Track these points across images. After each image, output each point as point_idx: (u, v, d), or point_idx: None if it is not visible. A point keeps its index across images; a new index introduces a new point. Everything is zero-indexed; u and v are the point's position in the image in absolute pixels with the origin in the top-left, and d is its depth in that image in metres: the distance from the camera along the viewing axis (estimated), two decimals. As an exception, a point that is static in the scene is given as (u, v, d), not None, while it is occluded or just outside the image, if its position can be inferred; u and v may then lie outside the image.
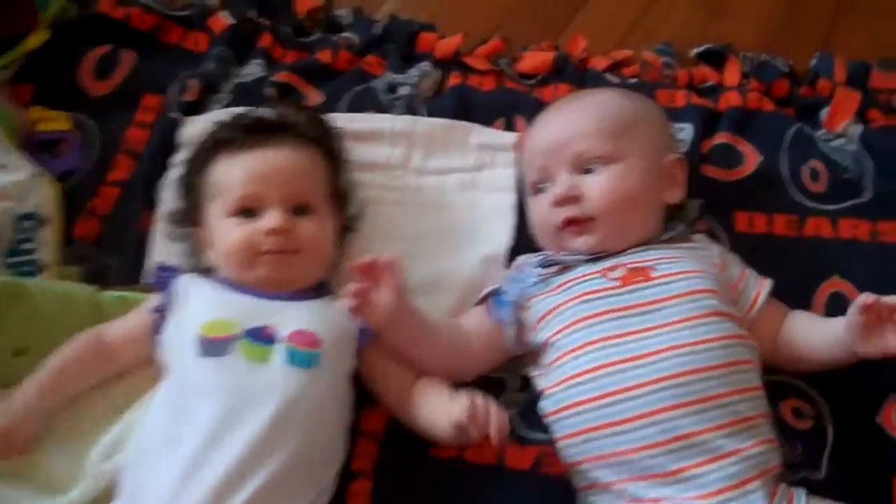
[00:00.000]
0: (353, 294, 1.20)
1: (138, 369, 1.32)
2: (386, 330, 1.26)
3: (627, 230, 1.35)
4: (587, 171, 1.36)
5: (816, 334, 1.30)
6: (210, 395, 1.17)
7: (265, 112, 1.43)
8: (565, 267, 1.34)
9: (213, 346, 1.21)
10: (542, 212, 1.38)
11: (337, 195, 1.42)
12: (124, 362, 1.32)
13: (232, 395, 1.17)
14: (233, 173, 1.33)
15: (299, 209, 1.32)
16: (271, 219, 1.29)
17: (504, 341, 1.33)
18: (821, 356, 1.30)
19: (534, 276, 1.34)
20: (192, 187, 1.40)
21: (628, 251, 1.33)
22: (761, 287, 1.36)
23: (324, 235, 1.34)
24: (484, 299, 1.37)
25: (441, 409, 1.22)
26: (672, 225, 1.39)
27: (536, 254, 1.40)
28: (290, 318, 1.25)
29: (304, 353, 1.22)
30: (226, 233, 1.31)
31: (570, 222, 1.34)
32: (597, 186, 1.34)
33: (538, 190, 1.41)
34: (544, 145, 1.41)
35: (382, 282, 1.22)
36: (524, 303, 1.33)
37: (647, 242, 1.35)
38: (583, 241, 1.34)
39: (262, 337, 1.22)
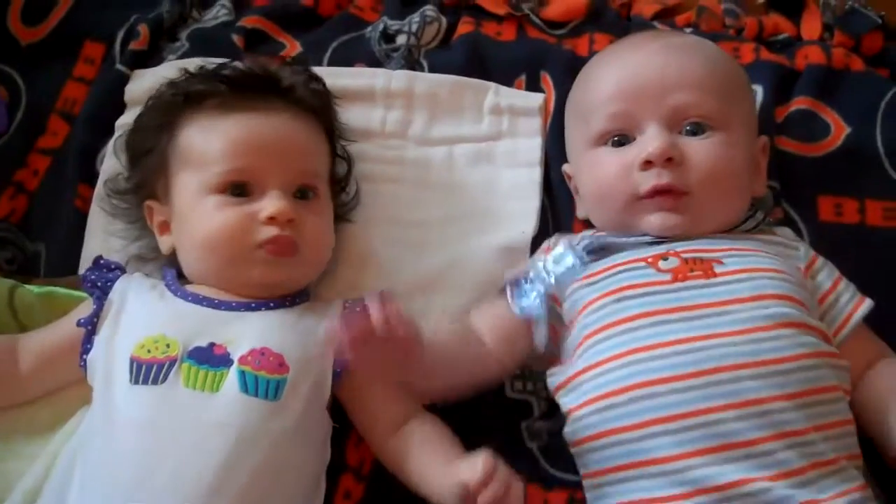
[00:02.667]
0: (347, 357, 1.05)
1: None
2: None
3: (716, 216, 1.23)
4: (686, 133, 1.22)
5: None
6: (141, 433, 1.06)
7: (247, 64, 1.31)
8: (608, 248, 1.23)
9: (147, 371, 1.09)
10: (617, 172, 1.23)
11: (335, 180, 1.33)
12: (32, 393, 1.20)
13: (169, 434, 1.05)
14: (216, 138, 1.20)
15: (301, 192, 1.21)
16: (273, 202, 1.16)
17: (530, 341, 1.21)
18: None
19: (576, 260, 1.22)
20: (147, 151, 1.27)
21: (689, 237, 1.21)
22: (858, 306, 1.22)
23: (328, 231, 1.25)
24: (506, 289, 1.26)
25: (440, 466, 1.09)
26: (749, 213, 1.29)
27: (579, 234, 1.29)
28: (251, 331, 1.13)
29: (266, 380, 1.09)
30: (205, 215, 1.17)
31: (660, 192, 1.20)
32: (704, 153, 1.20)
33: (613, 142, 1.25)
34: (629, 86, 1.25)
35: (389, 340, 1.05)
36: (560, 293, 1.21)
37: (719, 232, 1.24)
38: (662, 221, 1.20)
39: (210, 358, 1.10)
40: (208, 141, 1.20)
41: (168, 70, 1.39)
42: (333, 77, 1.43)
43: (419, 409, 1.18)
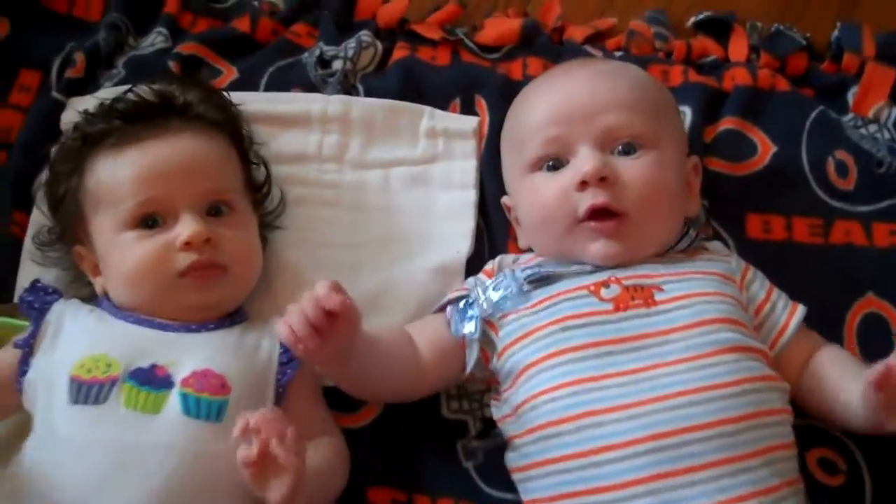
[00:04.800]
0: (294, 340, 1.05)
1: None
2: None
3: (653, 239, 1.24)
4: (618, 153, 1.22)
5: (852, 388, 1.12)
6: (81, 454, 1.04)
7: (146, 92, 1.28)
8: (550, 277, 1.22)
9: (87, 391, 1.07)
10: (554, 195, 1.22)
11: (251, 187, 1.31)
12: None
13: (109, 456, 1.04)
14: (119, 175, 1.18)
15: (214, 209, 1.19)
16: (186, 226, 1.14)
17: (462, 362, 1.22)
18: (856, 418, 1.13)
19: (514, 287, 1.20)
20: (65, 198, 1.24)
21: (629, 264, 1.21)
22: (793, 312, 1.23)
23: (252, 240, 1.24)
24: (444, 307, 1.26)
25: None
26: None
27: (523, 259, 1.29)
28: (193, 353, 1.12)
29: (208, 402, 1.08)
30: (125, 252, 1.16)
31: (598, 212, 1.18)
32: (637, 171, 1.20)
33: (548, 167, 1.25)
34: (561, 111, 1.25)
35: (331, 320, 1.06)
36: (495, 320, 1.20)
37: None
38: (605, 250, 1.20)
39: (152, 380, 1.09)
40: (112, 178, 1.18)
41: (105, 96, 1.35)
42: (270, 102, 1.43)
43: (333, 431, 1.18)
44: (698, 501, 1.02)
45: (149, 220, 1.16)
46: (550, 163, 1.24)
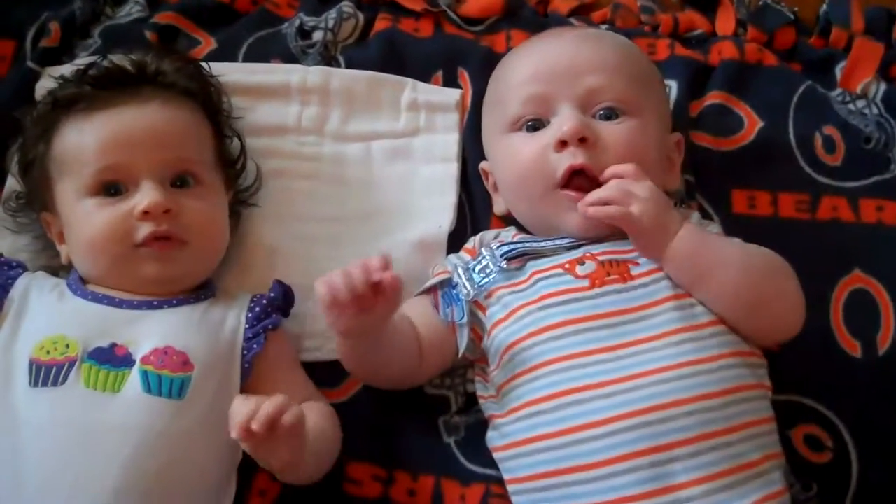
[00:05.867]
0: (330, 304, 1.04)
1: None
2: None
3: None
4: (599, 117, 1.21)
5: None
6: (42, 436, 1.03)
7: (119, 60, 1.26)
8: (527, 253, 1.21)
9: (46, 373, 1.06)
10: (532, 155, 1.21)
11: (225, 162, 1.28)
12: None
13: (70, 437, 1.03)
14: (84, 140, 1.16)
15: (179, 180, 1.17)
16: (146, 194, 1.12)
17: (454, 345, 1.20)
18: None
19: (495, 268, 1.20)
20: (34, 163, 1.23)
21: (605, 238, 1.19)
22: None
23: (217, 214, 1.21)
24: (430, 290, 1.25)
25: None
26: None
27: (501, 234, 1.28)
28: (153, 331, 1.11)
29: (169, 378, 1.07)
30: (84, 219, 1.14)
31: (574, 176, 1.18)
32: (618, 135, 1.19)
33: (527, 126, 1.24)
34: (544, 70, 1.24)
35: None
36: (481, 299, 1.20)
37: None
38: (582, 220, 1.18)
39: (111, 359, 1.08)
40: (78, 144, 1.17)
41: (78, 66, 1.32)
42: (248, 73, 1.42)
43: (316, 395, 1.18)
44: (681, 478, 1.01)
45: (111, 188, 1.14)
46: (530, 122, 1.23)
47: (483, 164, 1.34)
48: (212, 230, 1.19)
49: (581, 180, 1.17)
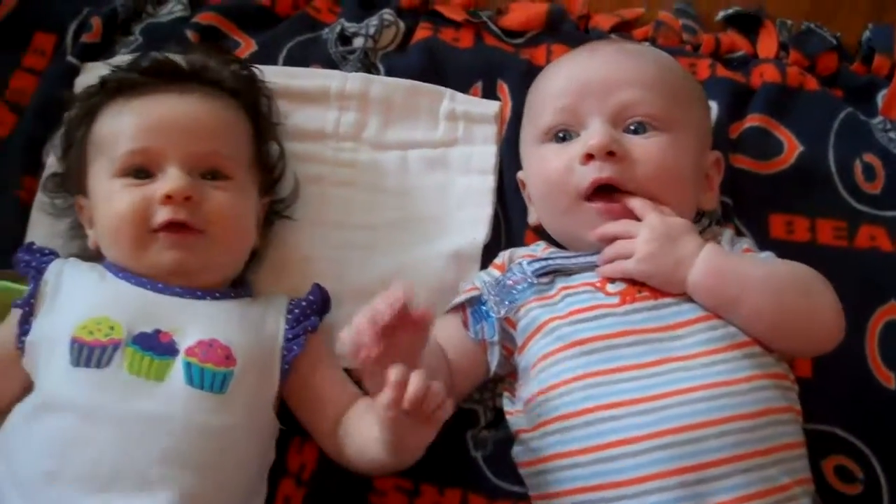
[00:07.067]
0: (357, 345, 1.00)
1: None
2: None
3: None
4: (629, 131, 1.20)
5: None
6: (84, 420, 1.02)
7: (173, 56, 1.27)
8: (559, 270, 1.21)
9: (89, 354, 1.05)
10: (560, 168, 1.21)
11: (262, 166, 1.28)
12: (2, 402, 1.12)
13: (112, 422, 1.02)
14: (121, 123, 1.18)
15: (209, 173, 1.17)
16: (170, 180, 1.13)
17: (486, 363, 1.21)
18: None
19: (525, 284, 1.20)
20: (73, 145, 1.24)
21: None
22: None
23: (241, 211, 1.20)
24: (458, 307, 1.24)
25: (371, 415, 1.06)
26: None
27: (529, 250, 1.27)
28: (198, 322, 1.11)
29: (212, 372, 1.06)
30: (109, 199, 1.15)
31: (601, 190, 1.18)
32: (646, 150, 1.18)
33: (557, 137, 1.24)
34: (578, 82, 1.24)
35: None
36: (511, 315, 1.19)
37: None
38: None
39: (156, 346, 1.07)
40: (114, 126, 1.18)
41: (118, 63, 1.34)
42: (288, 77, 1.41)
43: (358, 395, 1.16)
44: (712, 499, 1.01)
45: (140, 172, 1.14)
46: (560, 133, 1.23)
47: (519, 174, 1.34)
48: (232, 223, 1.17)
49: (607, 193, 1.17)
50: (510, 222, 1.36)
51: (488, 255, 1.31)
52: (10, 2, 1.51)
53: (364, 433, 1.08)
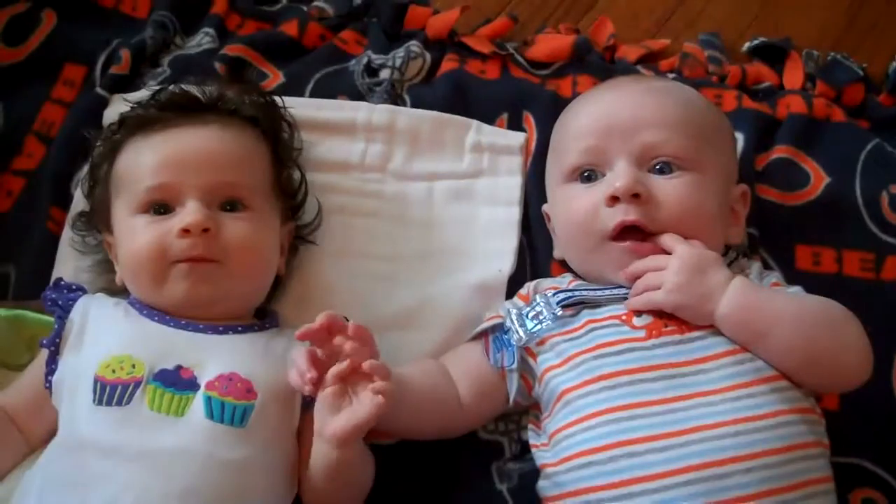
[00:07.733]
0: (306, 381, 1.05)
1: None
2: None
3: None
4: (654, 171, 1.20)
5: None
6: (106, 456, 1.02)
7: (190, 88, 1.29)
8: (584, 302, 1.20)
9: (111, 392, 1.06)
10: (585, 209, 1.21)
11: (283, 192, 1.27)
12: (35, 444, 1.15)
13: (133, 459, 1.02)
14: (140, 159, 1.19)
15: (228, 204, 1.17)
16: (188, 213, 1.13)
17: (505, 392, 1.20)
18: None
19: (549, 315, 1.18)
20: (98, 182, 1.26)
21: None
22: None
23: (260, 241, 1.19)
24: (481, 335, 1.24)
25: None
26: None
27: (555, 282, 1.26)
28: (219, 357, 1.11)
29: (232, 405, 1.07)
30: (130, 236, 1.16)
31: (627, 231, 1.17)
32: (671, 191, 1.18)
33: (582, 178, 1.24)
34: (603, 122, 1.23)
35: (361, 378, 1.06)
36: (533, 346, 1.18)
37: None
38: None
39: (177, 382, 1.08)
40: (134, 163, 1.19)
41: (147, 94, 1.35)
42: (315, 109, 1.42)
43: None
44: None
45: (160, 207, 1.14)
46: (585, 173, 1.23)
47: (545, 207, 1.34)
48: (251, 254, 1.17)
49: (633, 234, 1.17)
50: (535, 253, 1.36)
51: (513, 287, 1.31)
52: (43, 33, 1.52)
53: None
